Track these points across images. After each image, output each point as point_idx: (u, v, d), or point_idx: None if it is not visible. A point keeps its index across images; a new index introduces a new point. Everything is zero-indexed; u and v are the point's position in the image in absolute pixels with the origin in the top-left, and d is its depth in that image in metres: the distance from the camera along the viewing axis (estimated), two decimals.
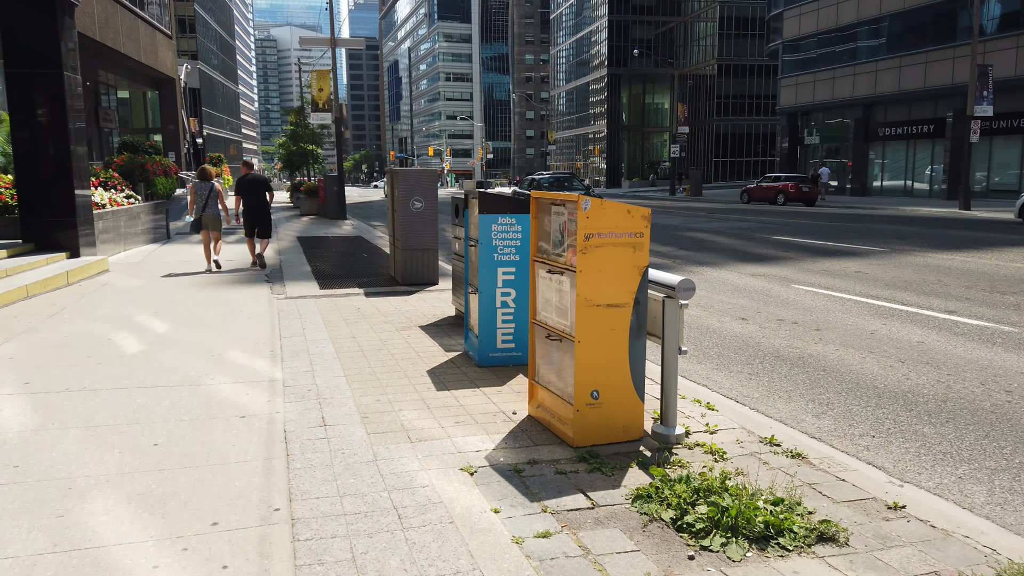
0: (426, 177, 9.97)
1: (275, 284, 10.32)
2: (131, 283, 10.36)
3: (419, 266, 10.09)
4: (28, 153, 10.97)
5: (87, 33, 23.33)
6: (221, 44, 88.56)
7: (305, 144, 33.60)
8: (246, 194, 11.87)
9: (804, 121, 44.15)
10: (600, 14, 78.20)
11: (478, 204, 5.58)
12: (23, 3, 10.44)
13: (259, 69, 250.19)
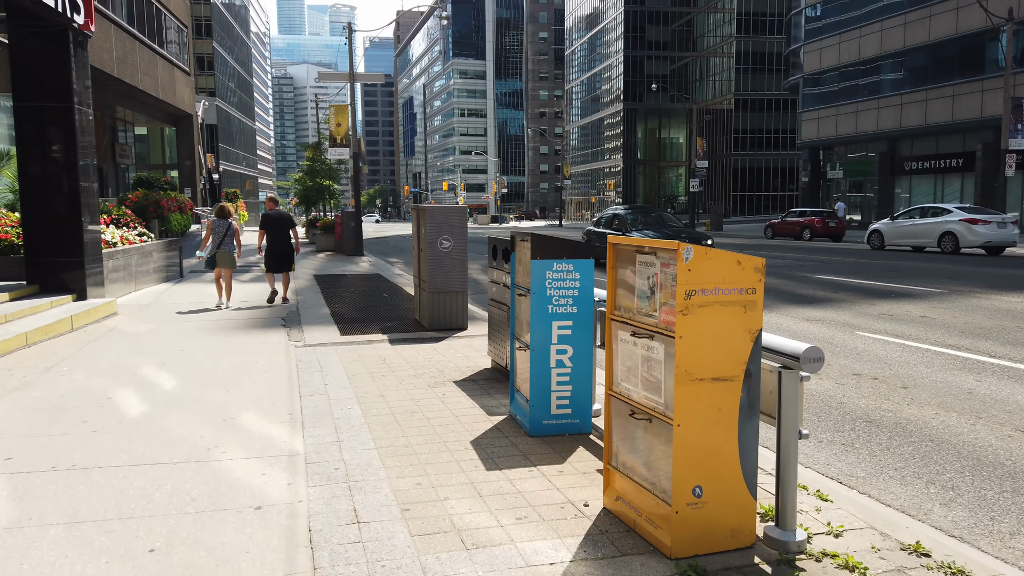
0: (455, 215, 9.30)
1: (292, 329, 9.61)
2: (139, 328, 9.68)
3: (447, 310, 9.36)
4: (35, 190, 10.41)
5: (104, 69, 23.15)
6: (239, 81, 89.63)
7: (321, 179, 33.26)
8: (272, 229, 11.99)
9: (826, 155, 43.53)
10: (615, 50, 78.54)
11: (530, 248, 4.84)
12: (33, 34, 9.97)
13: (275, 105, 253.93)
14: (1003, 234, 21.94)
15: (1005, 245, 22.27)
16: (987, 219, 22.17)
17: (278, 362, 7.44)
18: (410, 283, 15.50)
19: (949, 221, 22.84)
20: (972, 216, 22.41)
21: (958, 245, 22.46)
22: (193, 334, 9.16)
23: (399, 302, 12.39)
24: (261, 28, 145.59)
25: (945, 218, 23.08)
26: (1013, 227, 22.17)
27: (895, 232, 24.76)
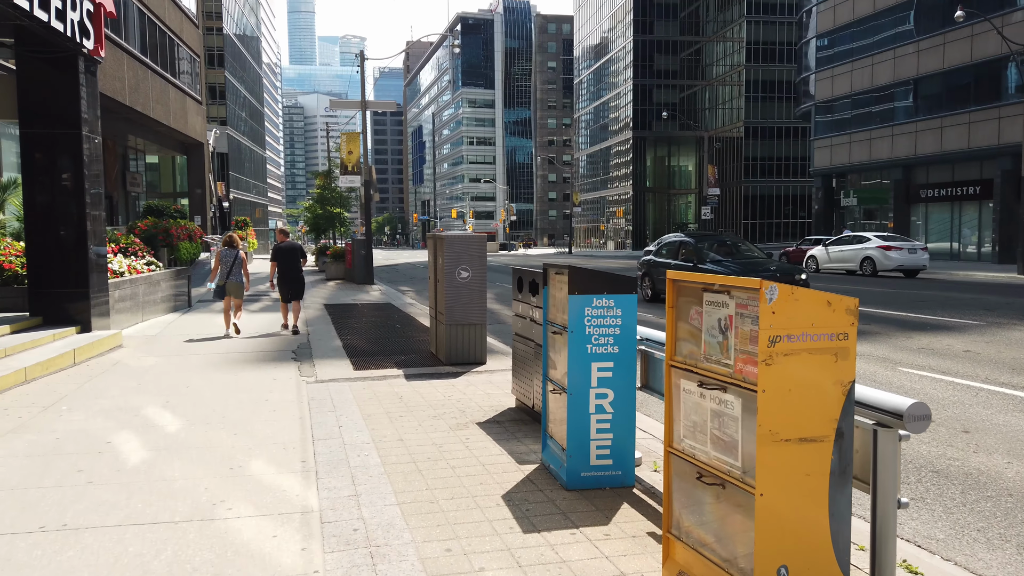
0: (474, 244, 8.91)
1: (303, 363, 9.20)
2: (145, 362, 9.29)
3: (465, 343, 8.93)
4: (41, 219, 10.11)
5: (117, 97, 23.10)
6: (250, 110, 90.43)
7: (332, 207, 33.09)
8: (283, 261, 12.15)
9: (839, 182, 43.19)
10: (624, 78, 78.90)
11: (567, 281, 4.43)
12: (42, 59, 9.73)
13: (286, 134, 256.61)
14: (914, 259, 24.33)
15: (917, 269, 24.66)
16: (899, 246, 24.52)
17: (289, 400, 7.02)
18: (423, 313, 15.10)
19: (868, 248, 25.05)
20: (887, 243, 24.65)
21: (876, 269, 24.77)
22: (200, 369, 8.76)
23: (413, 333, 11.98)
24: (273, 59, 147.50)
25: (864, 245, 25.34)
26: (923, 252, 24.65)
27: (826, 257, 27.14)
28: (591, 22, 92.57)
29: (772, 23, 67.16)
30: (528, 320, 6.07)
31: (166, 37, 29.41)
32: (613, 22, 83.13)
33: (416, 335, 11.73)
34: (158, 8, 28.14)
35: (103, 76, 21.94)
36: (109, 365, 9.01)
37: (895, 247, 24.37)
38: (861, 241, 25.72)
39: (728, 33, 71.10)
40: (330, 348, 10.38)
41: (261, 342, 10.98)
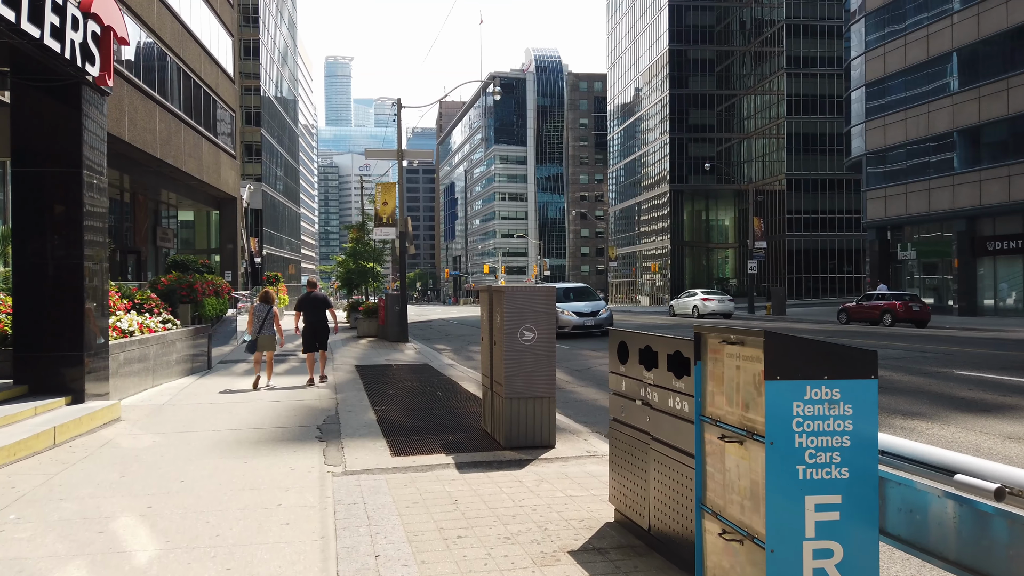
0: (540, 298, 7.24)
1: (330, 443, 7.51)
2: (140, 441, 7.67)
3: (529, 422, 7.17)
4: (31, 271, 8.70)
5: (147, 149, 22.23)
6: (286, 168, 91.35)
7: (365, 262, 31.84)
8: (307, 310, 12.44)
9: (895, 235, 41.01)
10: (660, 132, 78.14)
11: (764, 354, 2.70)
12: (37, 88, 8.46)
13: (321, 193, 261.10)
14: (723, 307, 36.56)
15: (726, 313, 36.37)
16: (712, 298, 37.89)
17: (308, 504, 5.29)
18: (466, 377, 13.38)
19: (695, 299, 38.27)
20: (705, 296, 38.31)
21: (700, 313, 37.18)
22: (203, 452, 7.10)
23: (458, 403, 10.24)
24: (310, 119, 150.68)
25: (693, 298, 38.57)
26: (730, 302, 37.40)
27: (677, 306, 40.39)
28: (625, 77, 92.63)
29: (812, 75, 66.05)
30: (639, 403, 4.32)
31: (201, 91, 28.90)
32: (648, 76, 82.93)
33: (462, 405, 9.99)
34: (194, 62, 27.68)
35: (134, 128, 21.17)
36: (96, 447, 7.39)
37: (711, 299, 37.81)
38: (691, 295, 39.40)
39: (767, 86, 70.13)
40: (362, 422, 8.69)
41: (282, 411, 9.33)
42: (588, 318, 23.20)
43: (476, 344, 22.84)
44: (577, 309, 23.31)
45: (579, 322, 23.22)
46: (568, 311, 23.02)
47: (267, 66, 78.83)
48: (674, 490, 3.81)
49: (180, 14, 26.17)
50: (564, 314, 22.71)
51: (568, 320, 22.99)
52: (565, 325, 22.77)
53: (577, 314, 23.09)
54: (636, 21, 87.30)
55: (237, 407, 9.88)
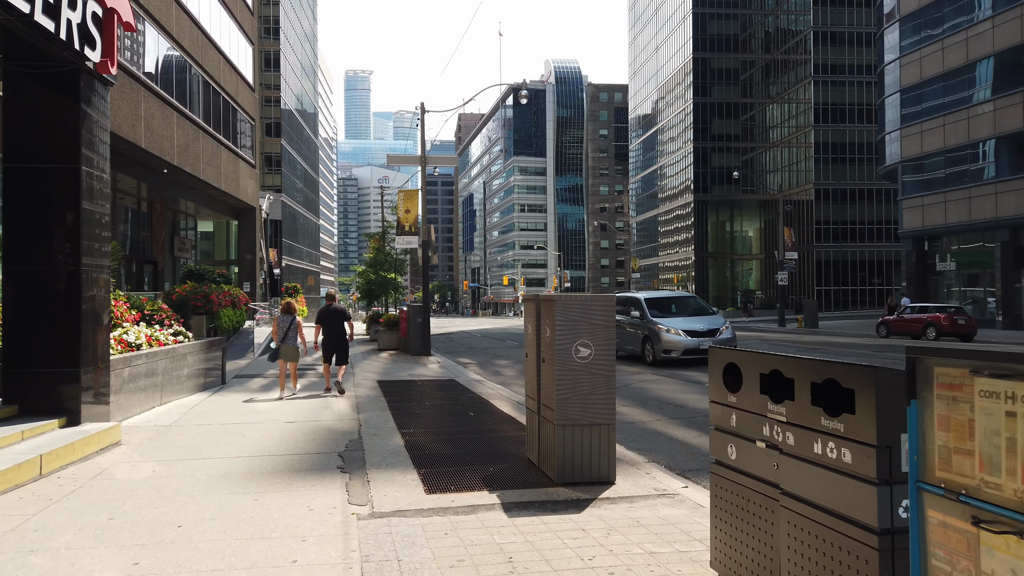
0: (598, 309, 6.23)
1: (354, 474, 6.53)
2: (139, 471, 6.74)
3: (585, 453, 6.16)
4: (23, 278, 7.84)
5: (164, 157, 21.55)
6: (306, 179, 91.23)
7: (386, 272, 30.99)
8: (326, 323, 12.42)
9: (932, 245, 39.54)
10: (683, 141, 77.04)
11: None
12: (32, 76, 7.63)
13: (340, 205, 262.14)
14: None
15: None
16: None
17: (329, 562, 4.31)
18: (496, 394, 12.38)
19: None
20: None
21: None
22: (209, 486, 6.15)
23: (493, 425, 9.24)
24: (329, 133, 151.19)
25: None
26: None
27: None
28: (647, 87, 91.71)
29: (840, 83, 64.68)
30: (763, 445, 3.30)
31: (220, 98, 28.30)
32: (671, 85, 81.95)
33: (498, 428, 8.98)
34: (213, 69, 27.09)
35: (150, 134, 20.47)
36: (87, 478, 6.47)
37: None
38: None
39: (793, 94, 68.82)
40: (388, 448, 7.71)
41: (299, 435, 8.37)
42: (704, 338, 17.42)
43: (502, 358, 21.83)
44: (688, 326, 17.61)
45: (692, 344, 17.21)
46: (674, 329, 17.46)
47: (288, 77, 78.80)
48: (832, 571, 2.78)
49: (199, 19, 25.60)
50: (669, 333, 17.41)
51: (675, 342, 17.25)
52: (672, 348, 17.23)
53: (688, 333, 17.40)
54: (659, 31, 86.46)
55: (250, 429, 8.94)
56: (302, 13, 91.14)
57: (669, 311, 18.80)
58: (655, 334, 17.63)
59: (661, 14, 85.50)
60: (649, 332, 17.96)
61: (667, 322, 17.94)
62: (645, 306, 18.73)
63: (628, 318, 19.12)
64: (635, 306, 19.14)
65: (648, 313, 18.36)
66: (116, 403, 9.23)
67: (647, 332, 18.05)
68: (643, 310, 18.60)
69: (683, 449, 8.16)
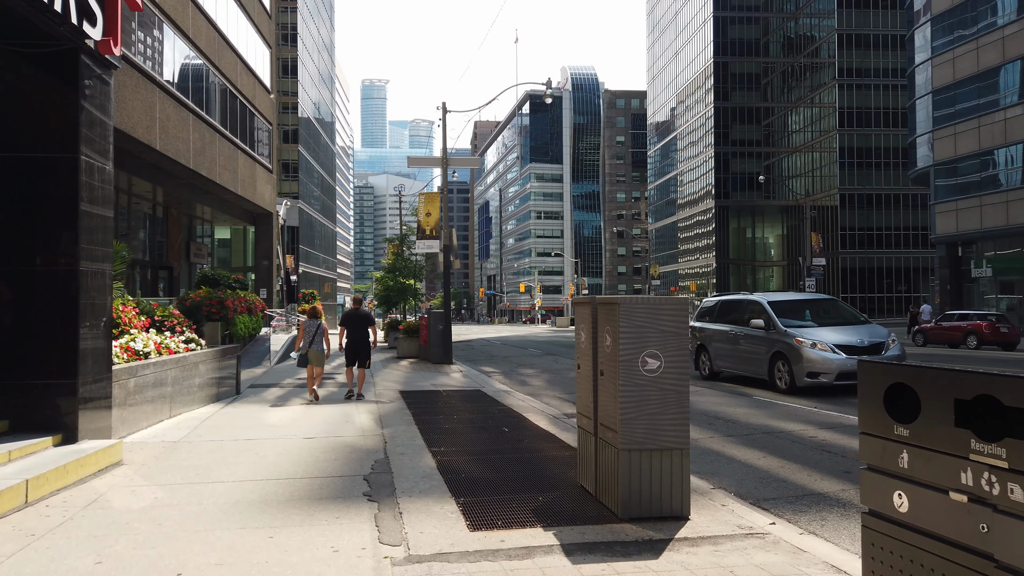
0: (668, 312, 5.35)
1: (383, 503, 5.68)
2: (138, 499, 5.92)
3: (655, 482, 5.26)
4: (15, 280, 7.07)
5: (180, 160, 20.90)
6: (323, 187, 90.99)
7: (404, 278, 30.22)
8: (351, 327, 12.58)
9: (967, 251, 38.25)
10: (704, 146, 75.97)
11: None
12: (25, 57, 6.88)
13: (356, 213, 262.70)
14: None
15: None
16: None
17: None
18: (528, 407, 11.50)
19: None
20: None
21: None
22: (217, 520, 5.31)
23: (531, 442, 8.36)
24: (346, 141, 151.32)
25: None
26: None
27: None
28: (665, 92, 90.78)
29: (866, 86, 63.43)
30: (961, 498, 2.40)
31: (237, 101, 27.72)
32: (691, 90, 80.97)
33: (538, 447, 8.10)
34: (230, 71, 26.51)
35: (165, 136, 19.82)
36: (79, 507, 5.65)
37: None
38: None
39: (816, 98, 67.62)
40: (419, 471, 6.85)
41: (319, 452, 7.53)
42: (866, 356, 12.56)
43: (526, 367, 20.95)
44: (840, 339, 12.81)
45: (850, 365, 12.36)
46: (821, 343, 12.70)
47: (305, 84, 78.63)
48: None
49: (216, 20, 25.04)
50: (815, 349, 12.65)
51: (826, 362, 12.50)
52: (821, 370, 12.52)
53: (842, 349, 12.62)
54: (678, 35, 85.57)
55: (265, 446, 8.12)
56: (320, 20, 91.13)
57: (803, 318, 14.18)
58: (793, 351, 12.82)
59: (680, 19, 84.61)
60: (783, 348, 13.11)
61: (809, 334, 13.00)
62: (772, 311, 13.86)
63: (741, 328, 14.60)
64: (754, 312, 14.40)
65: (779, 321, 13.54)
66: (120, 417, 8.45)
67: (778, 348, 13.23)
68: (770, 318, 13.74)
69: (749, 473, 7.24)
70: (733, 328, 15.04)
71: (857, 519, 5.61)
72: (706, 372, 16.03)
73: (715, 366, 15.71)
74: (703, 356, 16.22)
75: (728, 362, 15.22)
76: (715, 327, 15.81)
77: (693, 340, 16.35)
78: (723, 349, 15.38)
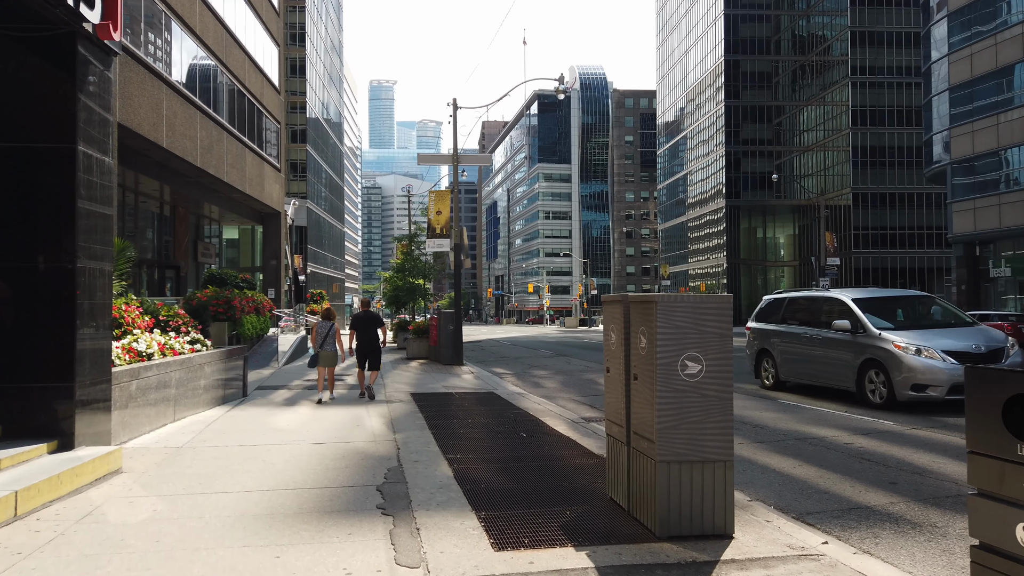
0: (711, 311, 4.91)
1: (398, 516, 5.27)
2: (135, 512, 5.52)
3: (696, 497, 4.83)
4: (6, 278, 6.69)
5: (187, 158, 20.59)
6: (331, 187, 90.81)
7: (414, 278, 29.83)
8: (360, 329, 12.72)
9: (985, 251, 37.60)
10: (714, 145, 75.36)
11: None
12: (20, 42, 6.50)
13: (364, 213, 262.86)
14: None
15: None
16: None
17: None
18: (544, 410, 11.08)
19: None
20: None
21: None
22: (219, 535, 4.91)
23: (551, 449, 7.93)
24: (354, 141, 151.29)
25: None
26: None
27: None
28: (675, 91, 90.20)
29: (880, 84, 62.72)
30: None
31: (245, 99, 27.41)
32: (701, 88, 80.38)
33: (560, 454, 7.66)
34: (237, 69, 26.20)
35: (172, 133, 19.50)
36: (72, 521, 5.26)
37: None
38: None
39: (829, 97, 66.94)
40: (436, 480, 6.43)
41: (329, 460, 7.13)
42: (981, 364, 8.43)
43: (539, 368, 20.52)
44: (950, 345, 10.82)
45: (960, 375, 10.25)
46: (928, 349, 10.67)
47: (313, 84, 78.45)
48: None
49: (224, 18, 24.72)
50: (921, 357, 10.62)
51: (934, 371, 10.51)
52: (930, 382, 10.53)
53: (952, 355, 10.62)
54: (688, 33, 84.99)
55: (272, 453, 7.72)
56: (328, 20, 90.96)
57: (896, 319, 12.18)
58: (892, 358, 10.81)
59: (690, 17, 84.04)
60: (877, 355, 11.06)
61: (910, 338, 10.96)
62: (860, 311, 11.74)
63: (817, 331, 12.48)
64: (835, 311, 12.21)
65: (869, 323, 11.46)
66: (120, 421, 8.07)
67: (871, 355, 11.17)
68: (857, 318, 11.64)
69: (786, 483, 6.79)
70: (806, 330, 12.81)
71: (913, 536, 5.17)
72: (769, 381, 13.73)
73: (782, 374, 13.40)
74: (766, 362, 13.90)
75: (800, 370, 12.96)
76: (781, 328, 13.57)
77: (752, 344, 14.49)
78: (793, 355, 13.10)
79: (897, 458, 7.70)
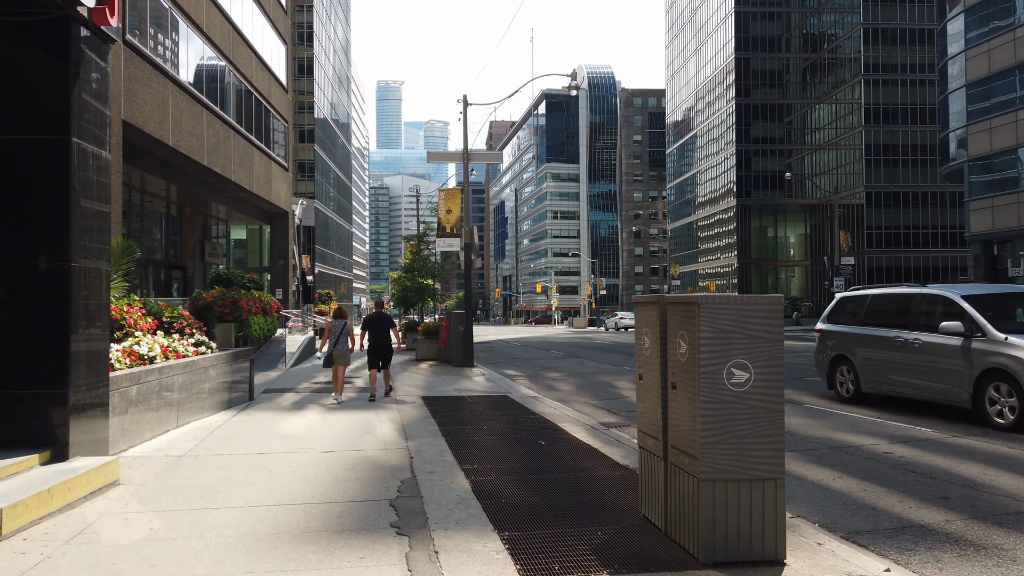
0: (758, 313, 4.46)
1: (414, 538, 4.85)
2: (130, 531, 5.11)
3: (744, 519, 4.37)
4: (2, 278, 6.29)
5: (193, 156, 20.25)
6: (339, 187, 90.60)
7: (422, 278, 29.43)
8: (372, 329, 12.74)
9: (1003, 250, 36.94)
10: (726, 142, 74.72)
11: None
12: (11, 28, 6.11)
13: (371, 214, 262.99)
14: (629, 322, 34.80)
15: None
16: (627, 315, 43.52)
17: None
18: (561, 415, 10.64)
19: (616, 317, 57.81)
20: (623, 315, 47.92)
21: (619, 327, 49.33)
22: (220, 559, 4.49)
23: (573, 458, 7.49)
24: (362, 142, 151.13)
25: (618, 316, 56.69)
26: None
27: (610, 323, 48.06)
28: (685, 90, 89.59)
29: (893, 82, 61.99)
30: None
31: (252, 98, 27.06)
32: (711, 86, 79.76)
33: (583, 464, 7.22)
34: (245, 67, 25.86)
35: (178, 132, 19.16)
36: (62, 540, 4.85)
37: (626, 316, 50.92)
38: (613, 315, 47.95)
39: (840, 95, 66.23)
40: (453, 495, 6.00)
41: (339, 470, 6.71)
42: None
43: (551, 370, 20.07)
44: None
45: None
46: None
47: (321, 84, 78.25)
48: None
49: (231, 15, 24.38)
50: None
51: None
52: None
53: None
54: (697, 32, 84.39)
55: (279, 462, 7.31)
56: (336, 20, 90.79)
57: (1016, 320, 10.12)
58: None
59: (700, 15, 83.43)
60: (1004, 364, 9.11)
61: None
62: (973, 310, 9.80)
63: (915, 335, 10.56)
64: (939, 312, 10.35)
65: (989, 325, 9.49)
66: (119, 428, 7.68)
67: (994, 364, 9.25)
68: (973, 319, 9.71)
69: (829, 497, 6.32)
70: (899, 334, 10.82)
71: (979, 560, 4.71)
72: (847, 392, 11.85)
73: (865, 384, 11.49)
74: (843, 370, 12.02)
75: (891, 380, 11.04)
76: (863, 332, 11.65)
77: (824, 349, 12.59)
78: (881, 362, 11.19)
79: (943, 469, 7.23)
